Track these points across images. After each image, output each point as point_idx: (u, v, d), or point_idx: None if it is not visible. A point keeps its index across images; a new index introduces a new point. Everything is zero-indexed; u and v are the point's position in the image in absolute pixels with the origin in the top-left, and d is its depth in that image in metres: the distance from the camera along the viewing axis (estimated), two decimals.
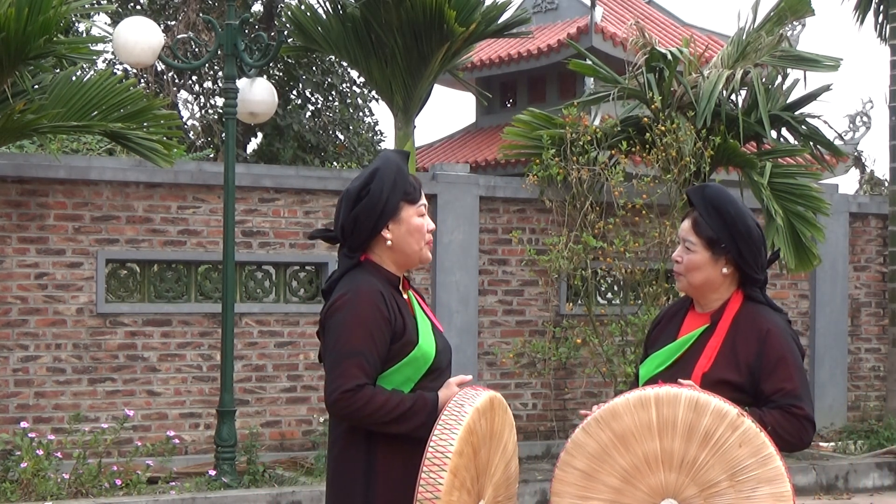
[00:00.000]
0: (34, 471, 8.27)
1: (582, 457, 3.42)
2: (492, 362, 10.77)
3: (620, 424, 3.39)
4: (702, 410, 3.36)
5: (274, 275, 10.25)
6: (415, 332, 3.52)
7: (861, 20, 13.73)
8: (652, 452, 3.38)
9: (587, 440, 3.42)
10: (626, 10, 20.40)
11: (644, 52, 10.84)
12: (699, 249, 3.67)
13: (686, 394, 3.38)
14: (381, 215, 3.54)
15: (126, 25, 8.93)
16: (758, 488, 3.34)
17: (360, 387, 3.39)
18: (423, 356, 3.50)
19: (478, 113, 21.98)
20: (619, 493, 3.40)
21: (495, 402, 3.46)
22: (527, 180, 10.81)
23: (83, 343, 9.47)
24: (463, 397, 3.40)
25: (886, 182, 13.76)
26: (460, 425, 3.31)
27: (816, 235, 10.65)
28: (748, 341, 3.62)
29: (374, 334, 3.43)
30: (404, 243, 3.58)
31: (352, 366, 3.40)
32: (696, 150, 10.34)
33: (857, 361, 12.57)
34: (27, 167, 9.39)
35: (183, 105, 23.64)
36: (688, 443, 3.36)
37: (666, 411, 3.37)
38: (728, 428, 3.34)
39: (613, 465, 3.39)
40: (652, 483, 3.39)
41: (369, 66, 12.92)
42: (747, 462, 3.34)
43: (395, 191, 3.55)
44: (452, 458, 3.28)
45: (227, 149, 9.35)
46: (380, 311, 3.45)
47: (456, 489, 3.31)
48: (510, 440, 3.55)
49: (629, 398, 3.40)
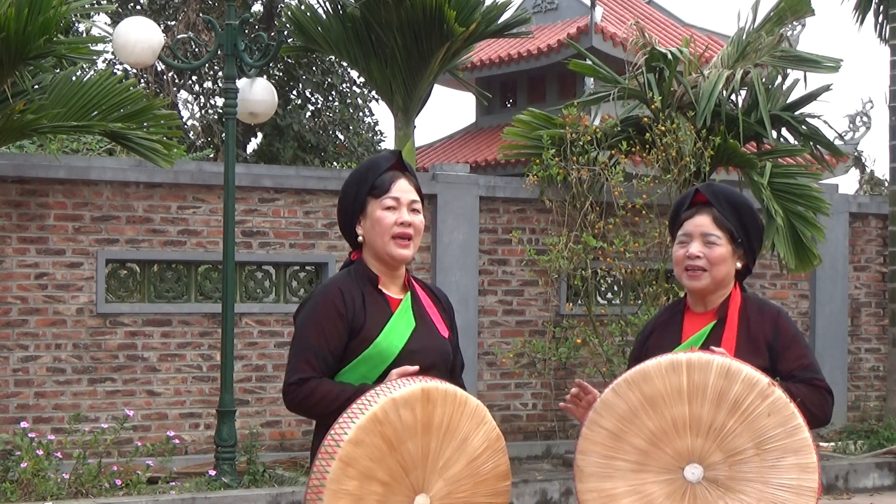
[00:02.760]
0: (34, 471, 8.26)
1: (610, 416, 3.41)
2: (492, 362, 10.77)
3: (651, 387, 3.39)
4: (733, 378, 3.37)
5: (274, 275, 10.25)
6: (377, 329, 3.52)
7: (861, 20, 13.73)
8: (680, 417, 3.38)
9: (616, 400, 3.41)
10: (626, 10, 20.40)
11: (644, 52, 10.84)
12: (723, 243, 3.70)
13: (718, 360, 3.39)
14: (353, 213, 3.63)
15: (126, 25, 8.93)
16: (783, 458, 3.35)
17: (304, 380, 3.50)
18: (378, 354, 3.51)
19: (478, 113, 21.99)
20: (645, 455, 3.40)
21: (432, 394, 3.33)
22: (527, 180, 10.81)
23: (83, 343, 9.47)
24: (383, 387, 3.34)
25: (886, 182, 13.75)
26: (363, 414, 3.27)
27: (816, 235, 10.65)
28: (762, 325, 3.68)
29: (325, 331, 3.51)
30: (371, 239, 3.61)
31: (300, 361, 3.51)
32: (696, 150, 10.34)
33: (857, 361, 12.57)
34: (27, 167, 9.39)
35: (183, 105, 23.66)
36: (717, 409, 3.36)
37: (697, 377, 3.38)
38: (758, 396, 3.36)
39: (641, 426, 3.39)
40: (678, 447, 3.39)
41: (369, 66, 12.92)
42: (775, 431, 3.35)
43: (363, 186, 3.61)
44: (344, 447, 3.24)
45: (227, 149, 9.35)
46: (335, 307, 3.53)
47: (351, 478, 3.26)
48: (476, 436, 3.42)
49: (661, 361, 3.40)
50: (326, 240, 10.28)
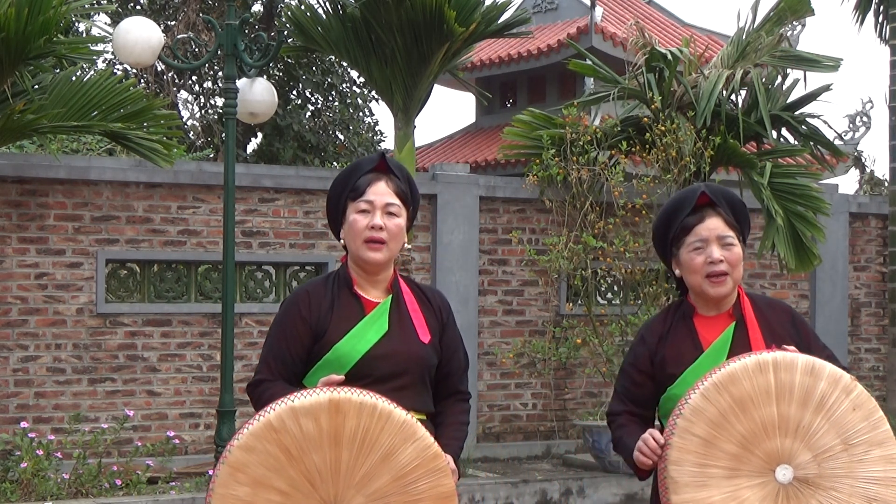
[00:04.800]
0: (34, 471, 8.26)
1: (702, 423, 3.34)
2: (492, 362, 10.77)
3: (739, 389, 3.35)
4: (818, 375, 3.37)
5: (274, 275, 10.25)
6: (340, 334, 3.49)
7: (861, 20, 13.73)
8: (769, 418, 3.35)
9: (707, 406, 3.34)
10: (626, 10, 20.40)
11: (644, 52, 10.84)
12: (738, 243, 3.64)
13: (803, 358, 3.39)
14: (336, 216, 3.62)
15: (126, 25, 8.92)
16: (869, 451, 3.36)
17: (260, 382, 3.53)
18: (338, 359, 3.47)
19: (478, 113, 21.98)
20: (737, 460, 3.35)
21: (342, 405, 3.22)
22: (527, 180, 10.81)
23: (83, 343, 9.47)
24: (290, 396, 3.26)
25: (886, 182, 13.75)
26: (257, 421, 3.23)
27: (816, 235, 10.65)
28: (782, 323, 3.66)
29: (287, 335, 3.52)
30: (347, 242, 3.60)
31: (261, 363, 3.56)
32: (696, 150, 10.34)
33: (857, 361, 12.56)
34: (27, 167, 9.39)
35: (183, 105, 23.65)
36: (803, 408, 3.36)
37: (784, 376, 3.36)
38: (842, 392, 3.37)
39: (732, 431, 3.34)
40: (768, 449, 3.36)
41: (369, 66, 12.90)
42: (860, 425, 3.36)
43: (344, 190, 3.59)
44: (233, 452, 3.21)
45: (227, 149, 9.35)
46: (298, 311, 3.52)
47: (241, 484, 3.21)
48: (404, 452, 3.25)
49: (747, 362, 3.36)
50: (326, 240, 10.28)
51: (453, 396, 3.68)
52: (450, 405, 3.66)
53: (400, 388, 3.43)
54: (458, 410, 3.67)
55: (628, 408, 3.66)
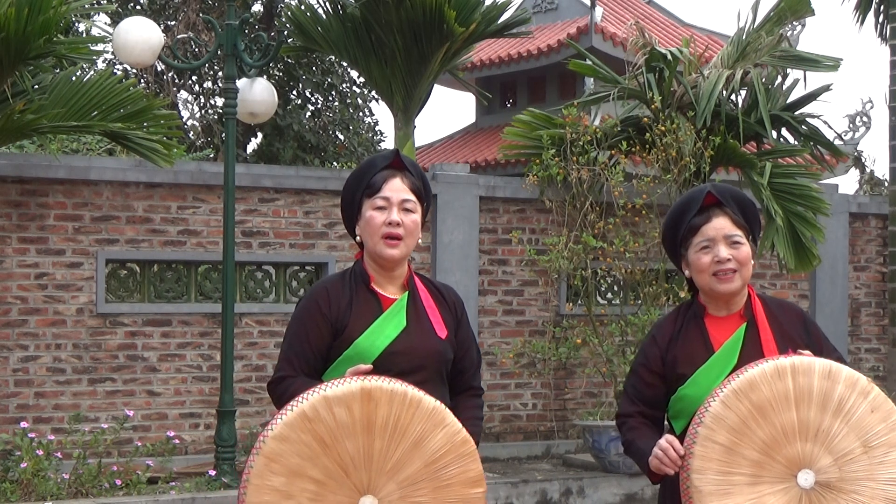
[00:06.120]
0: (34, 471, 8.26)
1: (723, 430, 3.34)
2: (492, 362, 10.77)
3: (758, 395, 3.35)
4: (836, 378, 3.37)
5: (274, 275, 10.25)
6: (360, 330, 3.52)
7: (861, 20, 13.73)
8: (789, 423, 3.35)
9: (727, 413, 3.34)
10: (626, 10, 20.40)
11: (644, 52, 10.84)
12: (746, 242, 3.63)
13: (820, 362, 3.39)
14: (351, 213, 3.64)
15: (126, 25, 8.93)
16: (889, 453, 3.36)
17: (282, 378, 3.55)
18: (358, 355, 3.50)
19: (478, 113, 21.98)
20: (759, 467, 3.35)
21: (374, 393, 3.26)
22: (527, 180, 10.81)
23: (83, 343, 9.47)
24: (323, 385, 3.29)
25: (886, 182, 13.76)
26: (292, 411, 3.25)
27: (816, 235, 10.65)
28: (793, 324, 3.66)
29: (308, 330, 3.54)
30: (364, 239, 3.62)
31: (282, 360, 3.58)
32: (696, 150, 10.34)
33: (857, 361, 12.56)
34: (27, 167, 9.39)
35: (183, 105, 23.65)
36: (822, 412, 3.35)
37: (802, 380, 3.36)
38: (860, 395, 3.37)
39: (753, 437, 3.34)
40: (789, 454, 3.36)
41: (369, 66, 12.92)
42: (879, 427, 3.36)
43: (359, 187, 3.61)
44: (268, 443, 3.24)
45: (227, 149, 9.35)
46: (318, 308, 3.55)
47: (276, 474, 3.23)
48: (434, 438, 3.30)
49: (765, 368, 3.37)
50: (326, 240, 10.28)
51: (467, 392, 3.72)
52: (464, 400, 3.69)
53: (418, 382, 3.44)
54: (473, 405, 3.70)
55: (639, 408, 3.66)
